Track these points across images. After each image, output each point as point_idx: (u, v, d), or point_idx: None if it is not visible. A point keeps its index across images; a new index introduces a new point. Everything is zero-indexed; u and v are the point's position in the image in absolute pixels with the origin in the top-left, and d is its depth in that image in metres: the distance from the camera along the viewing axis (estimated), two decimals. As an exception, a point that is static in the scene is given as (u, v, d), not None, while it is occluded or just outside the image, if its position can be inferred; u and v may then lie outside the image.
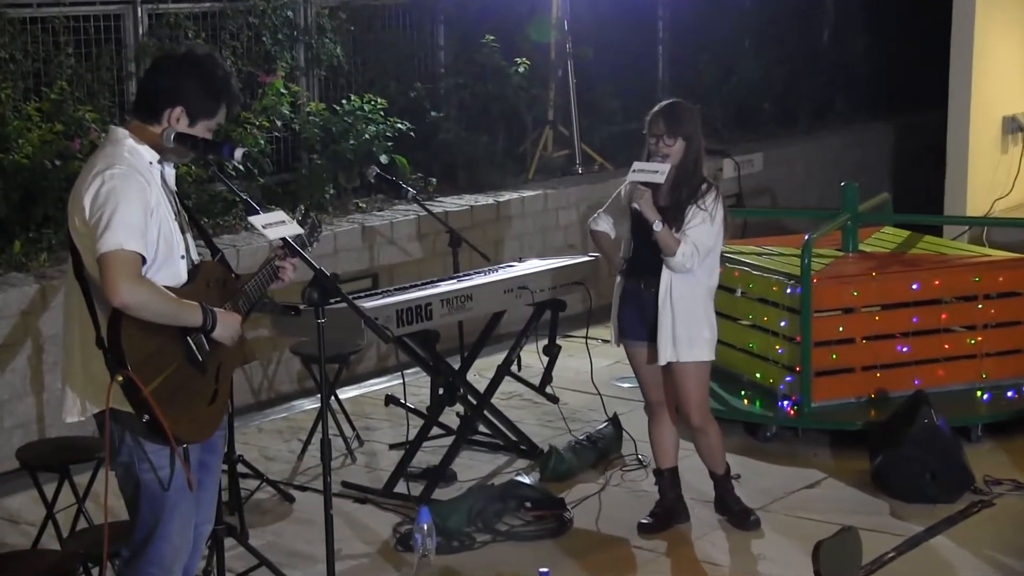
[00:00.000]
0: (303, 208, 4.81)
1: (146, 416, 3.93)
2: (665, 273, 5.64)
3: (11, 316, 6.79)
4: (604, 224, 5.91)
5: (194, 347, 4.07)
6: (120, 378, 3.88)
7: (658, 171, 5.56)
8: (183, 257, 4.14)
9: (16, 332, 6.81)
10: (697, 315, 5.68)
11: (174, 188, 4.25)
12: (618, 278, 5.88)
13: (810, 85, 13.44)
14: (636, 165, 5.63)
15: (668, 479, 6.01)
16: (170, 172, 4.22)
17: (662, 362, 5.70)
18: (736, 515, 5.99)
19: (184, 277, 4.14)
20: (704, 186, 5.67)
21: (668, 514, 6.00)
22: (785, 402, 7.10)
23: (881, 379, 7.13)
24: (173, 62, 4.26)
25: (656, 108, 5.71)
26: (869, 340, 7.13)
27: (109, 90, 8.12)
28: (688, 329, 5.66)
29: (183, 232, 4.18)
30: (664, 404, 5.93)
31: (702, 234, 5.59)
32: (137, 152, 4.08)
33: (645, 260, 5.71)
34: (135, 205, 3.95)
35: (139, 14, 8.31)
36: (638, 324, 5.79)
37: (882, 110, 14.01)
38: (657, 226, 5.54)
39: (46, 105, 7.70)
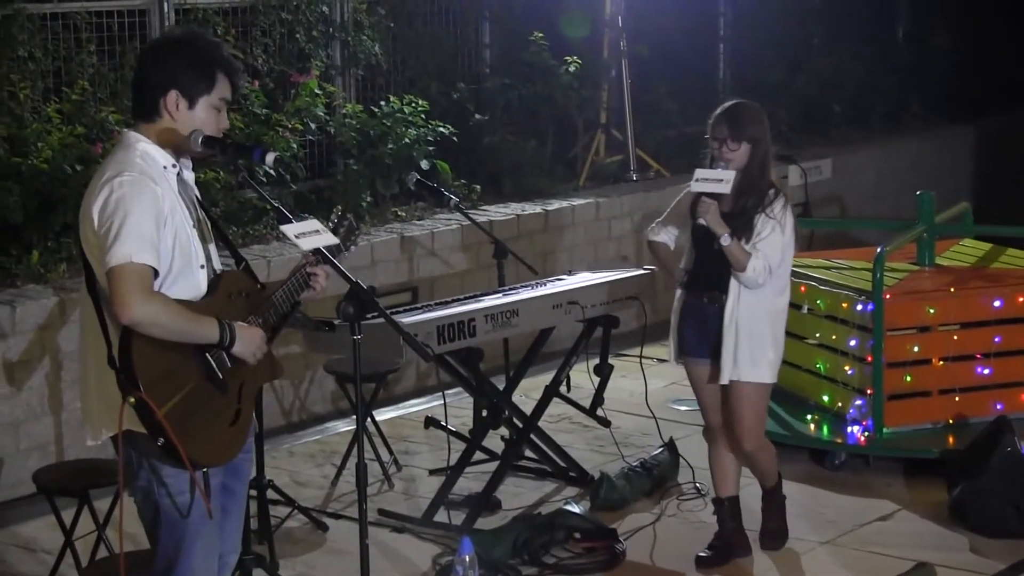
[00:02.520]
0: (339, 209, 4.80)
1: (161, 439, 3.93)
2: (733, 287, 5.65)
3: (28, 331, 6.86)
4: (663, 234, 5.92)
5: (214, 364, 4.07)
6: (132, 400, 3.89)
7: (723, 179, 5.56)
8: (203, 267, 4.14)
9: (33, 348, 6.88)
10: (762, 334, 5.68)
11: (196, 193, 4.27)
12: (678, 291, 5.89)
13: (884, 85, 13.39)
14: (698, 173, 5.64)
15: (728, 509, 6.00)
16: (190, 176, 4.23)
17: (723, 381, 5.70)
18: (762, 531, 6.04)
19: (204, 289, 4.13)
20: (772, 192, 5.68)
21: (727, 547, 5.98)
22: (855, 427, 7.07)
23: (960, 403, 7.09)
24: (154, 50, 4.29)
25: (719, 110, 5.73)
26: (947, 361, 7.09)
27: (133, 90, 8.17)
28: (752, 348, 5.66)
29: (204, 241, 4.18)
30: (725, 428, 5.93)
31: (772, 246, 5.61)
32: (150, 156, 4.08)
33: (708, 273, 5.72)
34: (146, 214, 3.95)
35: (165, 9, 8.38)
36: (699, 340, 5.80)
37: (962, 112, 13.93)
38: (725, 240, 5.55)
39: (67, 106, 7.79)
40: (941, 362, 7.09)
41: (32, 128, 7.55)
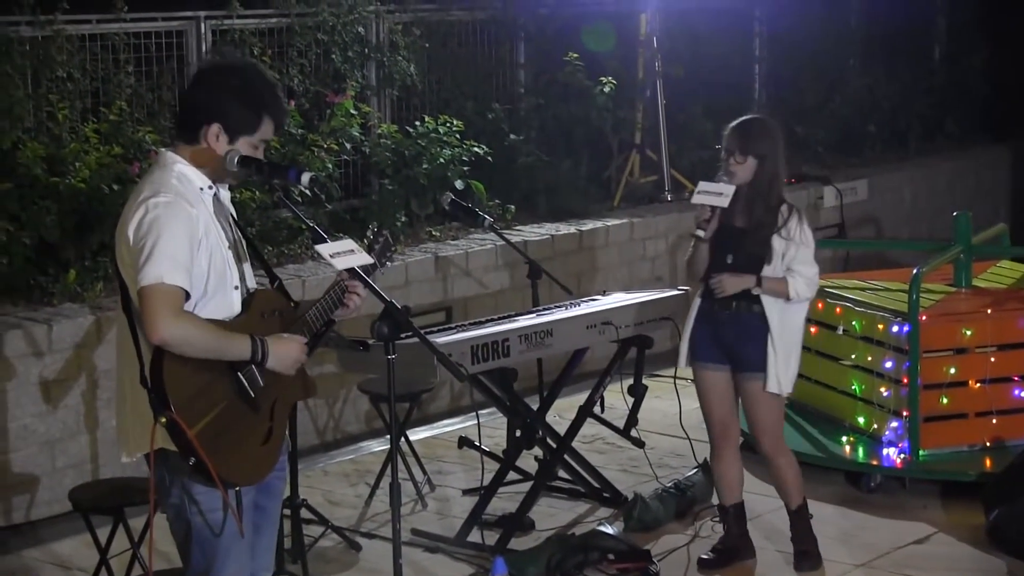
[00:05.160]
0: (375, 225, 4.82)
1: (192, 458, 3.95)
2: (768, 301, 5.79)
3: (65, 349, 6.90)
4: None
5: (245, 382, 4.08)
6: (163, 420, 3.91)
7: (722, 193, 5.73)
8: (236, 288, 4.16)
9: (69, 366, 6.92)
10: (795, 344, 5.85)
11: (232, 213, 4.29)
12: (696, 298, 6.01)
13: (920, 105, 13.34)
14: (701, 185, 5.82)
15: (733, 515, 6.10)
16: (226, 196, 4.26)
17: (773, 389, 5.81)
18: (795, 554, 6.05)
19: (237, 308, 4.15)
20: (785, 209, 5.81)
21: (731, 551, 6.08)
22: (891, 450, 7.03)
23: (997, 426, 7.04)
24: (210, 74, 4.30)
25: (734, 122, 5.86)
26: (984, 383, 7.05)
27: (170, 111, 8.23)
28: (787, 357, 5.83)
29: (239, 261, 4.20)
30: (729, 437, 6.04)
31: (804, 261, 5.78)
32: (186, 178, 4.11)
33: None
34: (179, 236, 3.97)
35: (203, 30, 8.45)
36: (710, 346, 5.93)
37: (999, 132, 13.85)
38: (756, 290, 5.77)
39: (104, 126, 7.84)
40: (978, 384, 7.05)
41: (70, 148, 7.61)
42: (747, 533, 6.12)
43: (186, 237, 3.99)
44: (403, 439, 7.08)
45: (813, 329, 7.49)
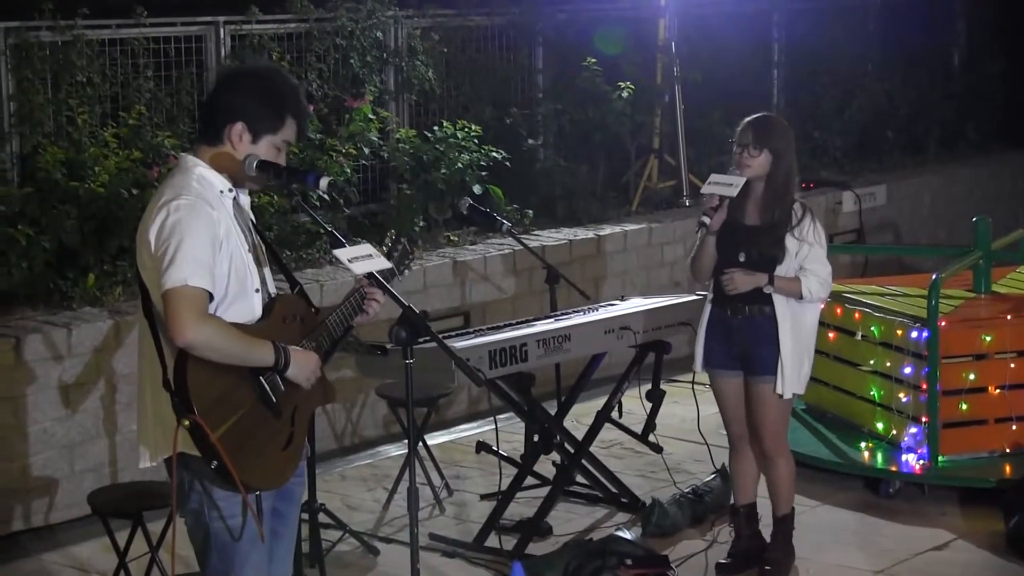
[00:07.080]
0: (393, 233, 4.82)
1: (215, 462, 3.95)
2: (779, 301, 5.78)
3: (84, 353, 6.91)
4: None
5: (267, 388, 4.08)
6: (186, 423, 3.91)
7: (732, 184, 5.75)
8: (257, 291, 4.16)
9: (88, 371, 6.93)
10: (807, 346, 5.84)
11: (251, 218, 4.29)
12: (707, 304, 6.01)
13: (939, 111, 13.31)
14: (712, 177, 5.86)
15: (744, 516, 6.11)
16: (245, 200, 4.26)
17: (787, 395, 5.81)
18: (766, 560, 6.01)
19: (258, 312, 4.15)
20: (799, 208, 5.82)
21: (745, 553, 6.08)
22: (910, 456, 7.01)
23: (1016, 432, 7.02)
24: (233, 77, 4.34)
25: (747, 118, 5.89)
26: (1003, 389, 7.02)
27: (189, 115, 8.26)
28: (799, 360, 5.81)
29: (259, 265, 4.20)
30: (746, 438, 6.06)
31: (816, 260, 5.79)
32: (207, 181, 4.11)
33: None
34: (202, 238, 3.98)
35: (222, 35, 8.47)
36: (724, 353, 5.93)
37: (1018, 138, 13.81)
38: (768, 289, 5.75)
39: (124, 131, 7.87)
40: (997, 390, 7.02)
41: (90, 152, 7.64)
42: (759, 534, 6.11)
43: (208, 239, 3.99)
44: (421, 444, 7.08)
45: (832, 334, 7.48)
